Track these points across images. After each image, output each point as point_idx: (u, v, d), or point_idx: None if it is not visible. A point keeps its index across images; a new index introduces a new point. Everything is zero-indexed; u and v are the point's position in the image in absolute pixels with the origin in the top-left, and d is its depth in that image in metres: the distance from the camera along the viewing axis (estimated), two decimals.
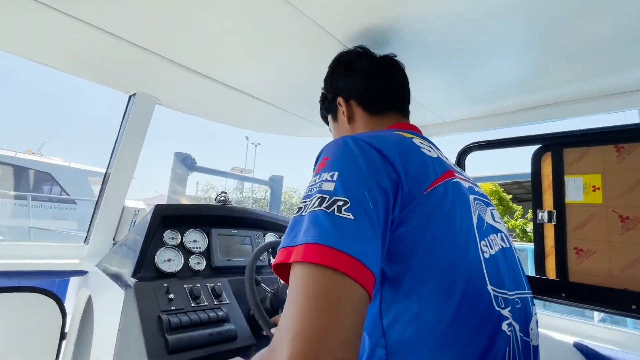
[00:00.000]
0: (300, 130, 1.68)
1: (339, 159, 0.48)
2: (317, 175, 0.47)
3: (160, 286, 0.96)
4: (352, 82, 0.75)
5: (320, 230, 0.39)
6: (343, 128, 0.77)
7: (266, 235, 1.47)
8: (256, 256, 1.03)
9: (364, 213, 0.41)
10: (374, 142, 0.50)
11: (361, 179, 0.45)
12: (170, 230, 1.14)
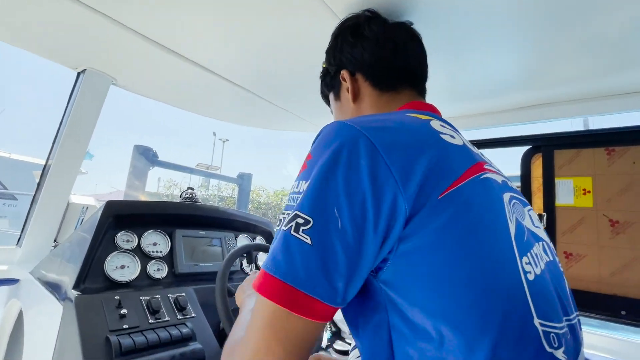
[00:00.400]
0: (281, 123, 1.54)
1: (317, 160, 0.40)
2: (297, 181, 0.41)
3: (110, 299, 0.79)
4: (359, 51, 0.63)
5: (272, 257, 0.37)
6: (347, 108, 0.65)
7: (238, 237, 1.32)
8: (229, 262, 0.89)
9: (326, 235, 0.35)
10: (372, 131, 0.40)
11: (334, 189, 0.37)
12: (124, 231, 0.97)
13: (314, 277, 0.35)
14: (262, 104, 1.28)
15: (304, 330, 0.36)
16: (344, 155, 0.38)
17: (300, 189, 0.39)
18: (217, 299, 0.79)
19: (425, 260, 0.36)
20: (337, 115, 0.69)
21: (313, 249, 0.35)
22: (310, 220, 0.36)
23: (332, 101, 0.71)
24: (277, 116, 1.41)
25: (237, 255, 0.93)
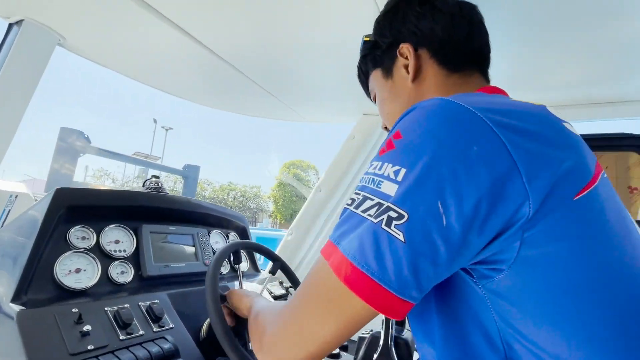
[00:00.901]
0: (262, 108, 1.41)
1: (414, 142, 0.35)
2: (380, 161, 0.36)
3: (65, 313, 0.62)
4: (428, 24, 0.55)
5: (359, 246, 0.33)
6: (401, 88, 0.57)
7: (211, 232, 1.18)
8: (218, 263, 0.76)
9: (424, 235, 0.32)
10: (489, 113, 0.34)
11: (439, 180, 0.32)
12: (80, 226, 0.78)
13: (404, 278, 0.32)
14: (244, 84, 1.14)
15: (366, 317, 0.35)
16: (453, 140, 0.33)
17: (385, 172, 0.35)
18: (209, 309, 0.67)
19: (557, 272, 0.32)
20: (387, 96, 0.60)
21: (406, 247, 0.31)
22: (405, 215, 0.32)
23: (377, 80, 0.62)
24: (258, 100, 1.28)
25: (227, 254, 0.81)
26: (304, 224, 1.35)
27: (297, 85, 1.16)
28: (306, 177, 26.30)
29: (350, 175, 1.32)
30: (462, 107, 0.35)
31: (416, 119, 0.36)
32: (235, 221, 1.32)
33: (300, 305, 0.38)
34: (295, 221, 1.39)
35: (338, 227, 0.37)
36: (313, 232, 1.37)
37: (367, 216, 0.34)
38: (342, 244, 0.34)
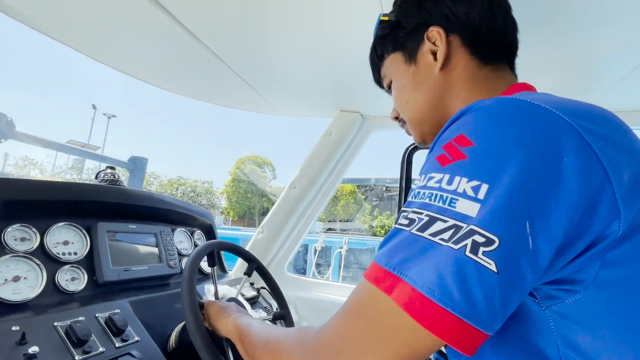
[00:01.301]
0: (236, 99, 1.30)
1: (498, 152, 0.29)
2: (446, 173, 0.31)
3: (4, 332, 0.51)
4: (464, 8, 0.49)
5: (438, 278, 0.27)
6: (426, 76, 0.51)
7: (175, 231, 1.07)
8: (194, 266, 0.68)
9: (514, 262, 0.27)
10: (580, 120, 0.30)
11: (528, 197, 0.28)
12: (19, 225, 0.65)
13: (494, 313, 0.27)
14: (220, 70, 1.04)
15: (432, 351, 0.30)
16: (541, 149, 0.29)
17: (459, 188, 0.29)
18: (187, 320, 0.59)
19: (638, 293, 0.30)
20: (408, 83, 0.54)
21: (499, 278, 0.27)
22: (495, 240, 0.27)
23: (395, 64, 0.55)
24: (234, 89, 1.19)
25: (202, 256, 0.73)
26: (277, 222, 1.29)
27: (275, 77, 1.10)
28: (262, 173, 25.75)
29: (325, 171, 1.29)
30: (545, 110, 0.30)
31: (489, 122, 0.31)
32: (200, 218, 1.21)
33: (351, 340, 0.32)
34: (266, 219, 1.32)
35: (394, 252, 0.31)
36: (286, 230, 1.31)
37: (439, 241, 0.29)
38: (408, 274, 0.29)
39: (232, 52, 0.96)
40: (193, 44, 0.91)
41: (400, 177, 1.29)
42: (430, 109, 0.52)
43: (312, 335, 0.37)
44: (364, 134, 1.32)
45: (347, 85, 1.12)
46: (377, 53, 0.59)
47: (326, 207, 1.45)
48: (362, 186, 23.50)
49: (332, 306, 1.26)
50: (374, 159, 47.79)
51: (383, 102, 1.19)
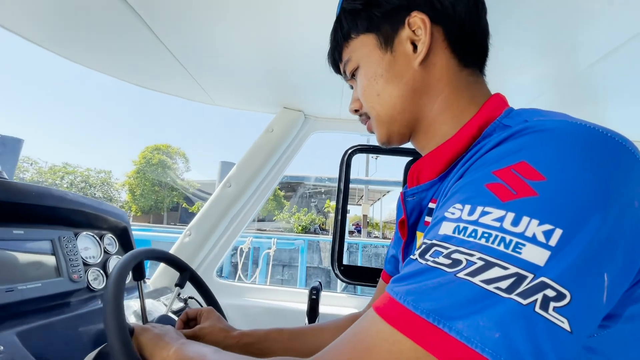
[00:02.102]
0: (168, 83, 1.12)
1: (578, 198, 0.26)
2: (509, 211, 0.27)
3: None
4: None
5: (503, 337, 0.23)
6: (404, 69, 0.44)
7: (79, 235, 0.88)
8: (121, 280, 0.55)
9: (589, 317, 0.25)
10: (637, 152, 0.29)
11: (607, 248, 0.25)
12: None
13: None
14: (152, 47, 0.88)
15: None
16: (622, 192, 0.26)
17: (527, 232, 0.25)
18: (114, 347, 0.47)
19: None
20: (382, 73, 0.46)
21: (573, 338, 0.24)
22: (567, 294, 0.24)
23: (366, 48, 0.47)
24: (167, 72, 1.02)
25: (130, 267, 0.60)
26: (208, 223, 1.17)
27: (215, 65, 0.99)
28: (174, 164, 23.42)
29: (265, 169, 1.22)
30: (624, 148, 0.28)
31: (562, 153, 0.27)
32: (111, 219, 1.02)
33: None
34: (195, 220, 1.18)
35: (429, 296, 0.26)
36: (217, 232, 1.20)
37: (497, 290, 0.25)
38: (456, 327, 0.25)
39: (171, 32, 0.83)
40: (127, 16, 0.75)
41: (339, 180, 1.31)
42: (405, 107, 0.46)
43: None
44: (305, 133, 1.29)
45: (291, 83, 1.08)
46: (342, 30, 0.50)
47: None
48: (284, 184, 23.50)
49: (264, 311, 1.20)
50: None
51: (326, 102, 1.19)
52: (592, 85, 0.91)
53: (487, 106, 0.43)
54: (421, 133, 0.48)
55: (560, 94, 0.98)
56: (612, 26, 0.67)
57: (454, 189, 0.33)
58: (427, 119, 0.47)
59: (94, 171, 23.10)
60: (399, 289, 0.29)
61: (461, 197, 0.30)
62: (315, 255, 9.85)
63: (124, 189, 22.69)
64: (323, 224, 20.23)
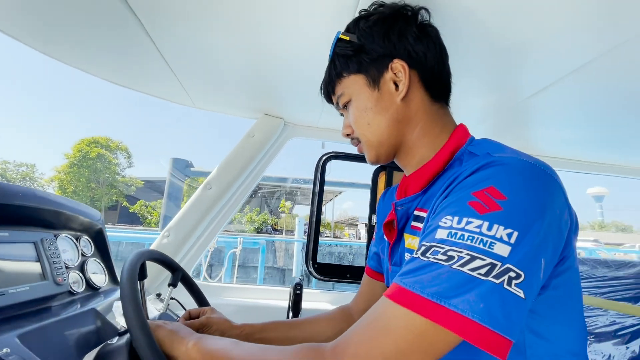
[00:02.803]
0: (148, 81, 1.10)
1: (527, 211, 0.39)
2: (485, 220, 0.38)
3: None
4: (423, 48, 0.56)
5: (486, 307, 0.35)
6: (388, 104, 0.56)
7: (59, 237, 0.85)
8: (133, 280, 0.58)
9: (533, 288, 0.38)
10: (560, 181, 0.43)
11: (543, 243, 0.39)
12: None
13: (520, 327, 0.37)
14: (137, 40, 0.88)
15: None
16: (552, 206, 0.40)
17: (497, 234, 0.37)
18: (139, 341, 0.51)
19: (571, 293, 0.46)
20: (372, 107, 0.57)
21: (525, 302, 0.36)
22: (522, 274, 0.36)
23: (356, 85, 0.58)
24: (149, 69, 1.02)
25: (139, 265, 0.63)
26: (188, 224, 1.18)
27: (200, 67, 1.01)
28: (114, 159, 21.44)
29: (245, 173, 1.26)
30: (547, 174, 0.42)
31: (516, 180, 0.40)
32: (86, 220, 0.99)
33: (380, 357, 0.37)
34: (174, 221, 1.18)
35: (432, 283, 0.37)
36: (196, 234, 1.21)
37: (479, 275, 0.36)
38: (453, 303, 0.35)
39: (162, 30, 0.84)
40: (119, 10, 0.76)
41: (314, 184, 1.40)
42: (391, 134, 0.58)
43: (329, 354, 0.40)
44: (283, 139, 1.36)
45: (273, 90, 1.14)
46: (335, 69, 0.61)
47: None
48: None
49: (245, 309, 1.24)
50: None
51: (306, 110, 1.27)
52: (527, 114, 1.12)
53: (455, 135, 0.57)
54: (403, 154, 0.61)
55: (502, 120, 1.19)
56: (544, 69, 0.86)
57: (443, 205, 0.44)
58: (408, 143, 0.59)
59: (13, 164, 20.29)
60: (407, 280, 0.39)
61: (451, 211, 0.41)
62: (270, 256, 9.79)
63: (51, 185, 20.24)
64: (275, 224, 20.09)
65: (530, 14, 0.65)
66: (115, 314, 0.79)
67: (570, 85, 0.91)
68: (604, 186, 34.05)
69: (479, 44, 0.77)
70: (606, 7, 0.61)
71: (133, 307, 0.53)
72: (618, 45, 0.71)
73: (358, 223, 23.14)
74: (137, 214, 19.72)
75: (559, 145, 1.39)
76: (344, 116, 0.67)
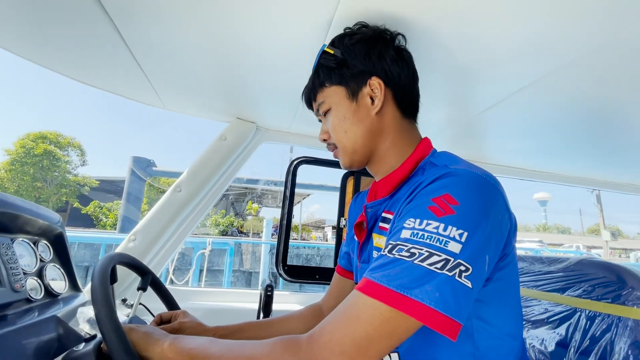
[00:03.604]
0: (114, 80, 1.06)
1: (474, 215, 0.45)
2: (441, 222, 0.45)
3: None
4: (397, 70, 0.63)
5: (441, 296, 0.41)
6: (364, 116, 0.63)
7: (15, 241, 0.81)
8: (105, 284, 0.57)
9: (479, 279, 0.44)
10: (502, 189, 0.51)
11: (487, 242, 0.45)
12: None
13: (467, 311, 0.44)
14: (105, 35, 0.86)
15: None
16: (494, 212, 0.47)
17: (451, 234, 0.44)
18: (113, 346, 0.51)
19: (510, 284, 0.53)
20: (349, 117, 0.63)
21: (472, 291, 0.43)
22: (470, 268, 0.43)
23: (336, 96, 0.64)
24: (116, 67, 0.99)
25: (109, 268, 0.62)
26: (156, 228, 1.15)
27: (172, 68, 1.00)
28: (64, 157, 19.77)
29: (216, 176, 1.26)
30: (491, 185, 0.49)
31: (467, 189, 0.47)
32: (45, 224, 0.95)
33: (354, 343, 0.41)
34: (141, 224, 1.15)
35: (397, 276, 0.42)
36: (164, 237, 1.19)
37: (435, 269, 0.42)
38: (414, 293, 0.41)
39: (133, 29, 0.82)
40: (88, 7, 0.74)
41: (284, 187, 1.42)
42: (365, 143, 0.64)
43: (305, 343, 0.43)
44: (255, 143, 1.37)
45: (246, 95, 1.15)
46: (318, 79, 0.67)
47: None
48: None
49: (215, 313, 1.24)
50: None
51: (279, 115, 1.29)
52: (480, 127, 1.23)
53: (420, 147, 0.65)
54: (375, 162, 0.67)
55: (458, 131, 1.30)
56: (494, 87, 0.96)
57: (407, 208, 0.50)
58: (379, 153, 0.66)
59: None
60: (376, 275, 0.44)
61: (413, 214, 0.48)
62: (236, 259, 9.58)
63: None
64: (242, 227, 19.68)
65: (483, 38, 0.74)
66: (79, 321, 0.76)
67: (517, 102, 1.03)
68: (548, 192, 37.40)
69: (439, 64, 0.85)
70: (547, 34, 0.71)
71: (106, 311, 0.53)
72: (558, 68, 0.82)
73: (325, 225, 23.32)
74: (91, 216, 18.38)
75: (507, 155, 1.54)
76: (322, 122, 0.72)
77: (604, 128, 1.18)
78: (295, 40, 0.81)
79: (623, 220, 59.84)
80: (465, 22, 0.69)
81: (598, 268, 0.83)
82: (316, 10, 0.70)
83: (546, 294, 0.82)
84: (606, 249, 17.31)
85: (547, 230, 41.67)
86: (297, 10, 0.70)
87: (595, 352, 0.76)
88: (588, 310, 0.80)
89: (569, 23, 0.67)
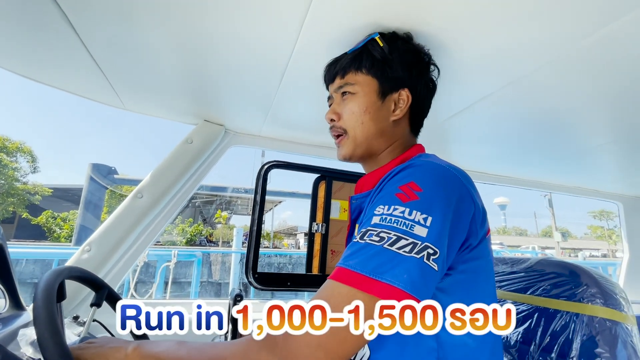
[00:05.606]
0: (72, 79, 0.97)
1: (437, 201, 0.47)
2: (407, 207, 0.46)
3: None
4: (426, 93, 0.70)
5: (409, 279, 0.42)
6: (384, 117, 0.66)
7: None
8: (51, 300, 0.51)
9: (443, 263, 0.46)
10: (467, 181, 0.53)
11: (450, 227, 0.47)
12: None
13: (432, 291, 0.46)
14: (60, 32, 0.80)
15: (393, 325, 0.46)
16: (455, 198, 0.49)
17: (416, 218, 0.45)
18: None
19: (479, 273, 0.53)
20: (370, 110, 0.65)
21: (438, 273, 0.45)
22: (437, 251, 0.44)
23: (368, 86, 0.66)
24: (73, 65, 0.92)
25: (56, 285, 0.56)
26: (114, 237, 1.06)
27: (132, 67, 0.94)
28: (12, 163, 18.10)
29: (181, 181, 1.20)
30: (453, 174, 0.51)
31: (429, 177, 0.49)
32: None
33: (330, 332, 0.41)
34: (97, 233, 1.06)
35: (367, 261, 0.43)
36: (123, 247, 1.10)
37: (403, 252, 0.43)
38: (385, 277, 0.42)
39: (89, 24, 0.77)
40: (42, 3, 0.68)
41: (255, 192, 1.39)
42: (372, 140, 0.67)
43: (281, 340, 0.42)
44: (224, 146, 1.33)
45: (214, 97, 1.11)
46: (360, 61, 0.67)
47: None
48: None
49: None
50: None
51: (248, 119, 1.26)
52: (446, 133, 1.28)
53: (410, 150, 0.68)
54: (371, 162, 0.70)
55: (426, 137, 1.31)
56: (459, 95, 1.00)
57: (378, 197, 0.52)
58: (378, 154, 0.69)
59: None
60: (349, 262, 0.45)
61: (382, 202, 0.49)
62: (204, 269, 9.19)
63: None
64: (211, 235, 19.03)
65: (451, 47, 0.76)
66: (20, 344, 0.68)
67: (480, 110, 1.07)
68: (507, 196, 39.72)
69: None
70: (507, 44, 0.74)
71: (50, 333, 0.47)
72: (519, 78, 0.87)
73: (297, 232, 23.15)
74: (42, 227, 16.93)
75: (470, 160, 1.61)
76: (333, 101, 0.72)
77: (556, 136, 1.26)
78: (265, 41, 0.79)
79: (571, 222, 65.06)
80: (432, 31, 0.71)
81: (556, 267, 0.88)
82: (288, 12, 0.69)
83: (510, 294, 0.86)
84: (558, 250, 18.66)
85: (507, 232, 44.22)
86: (267, 11, 0.69)
87: (555, 348, 0.79)
88: (548, 308, 0.84)
89: (526, 35, 0.71)
